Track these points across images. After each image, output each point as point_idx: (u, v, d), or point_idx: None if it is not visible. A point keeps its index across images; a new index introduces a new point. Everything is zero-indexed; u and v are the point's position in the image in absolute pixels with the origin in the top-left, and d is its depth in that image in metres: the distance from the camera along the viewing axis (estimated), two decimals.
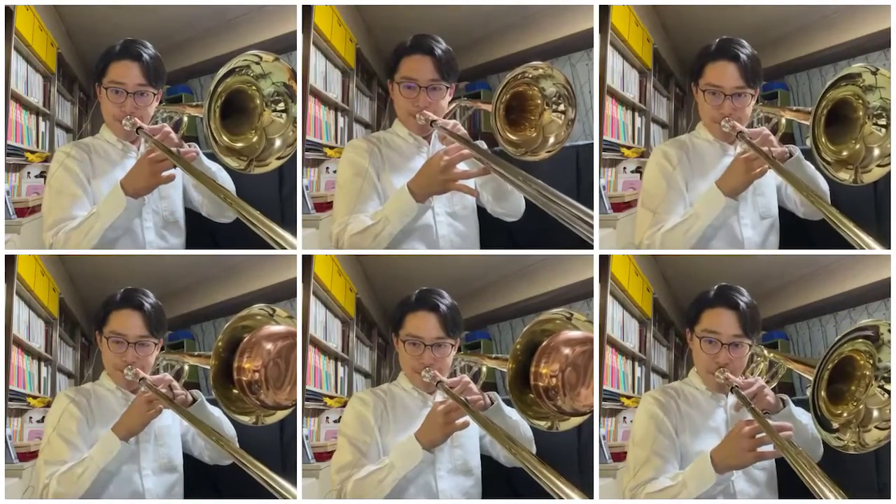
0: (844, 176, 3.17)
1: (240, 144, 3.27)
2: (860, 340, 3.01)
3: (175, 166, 3.25)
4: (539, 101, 3.34)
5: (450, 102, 3.42)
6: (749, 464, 3.17)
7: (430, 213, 3.38)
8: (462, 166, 3.28)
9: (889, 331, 3.00)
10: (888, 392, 3.04)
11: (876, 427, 3.03)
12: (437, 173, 3.27)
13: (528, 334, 3.19)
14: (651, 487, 3.25)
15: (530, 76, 3.31)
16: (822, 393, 2.98)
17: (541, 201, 3.13)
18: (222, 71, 3.20)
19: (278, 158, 3.29)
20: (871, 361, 3.03)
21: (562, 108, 3.34)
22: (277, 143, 3.28)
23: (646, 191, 3.40)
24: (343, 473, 3.30)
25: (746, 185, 3.27)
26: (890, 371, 3.03)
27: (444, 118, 3.38)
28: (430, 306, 3.34)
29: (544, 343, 3.19)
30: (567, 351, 3.18)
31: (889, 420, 3.04)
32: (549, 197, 3.12)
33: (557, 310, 3.25)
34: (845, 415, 3.03)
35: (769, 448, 3.08)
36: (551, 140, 3.35)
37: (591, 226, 3.11)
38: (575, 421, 3.22)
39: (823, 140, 3.14)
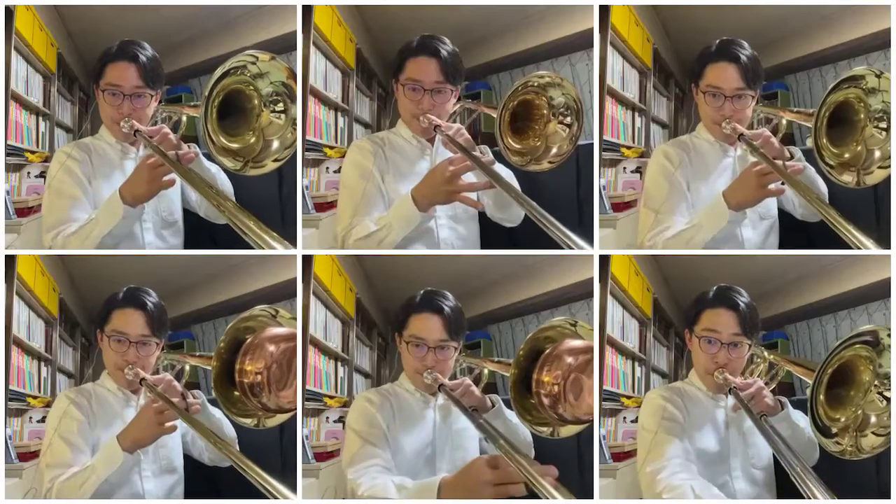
0: (847, 178, 3.16)
1: (236, 145, 3.24)
2: (860, 345, 3.00)
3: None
4: (545, 111, 3.31)
5: (454, 105, 3.41)
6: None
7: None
8: (468, 177, 3.25)
9: (888, 336, 3.00)
10: (887, 399, 3.03)
11: (873, 433, 3.02)
12: (442, 183, 3.24)
13: (531, 341, 3.15)
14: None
15: (537, 84, 3.28)
16: (821, 397, 2.97)
17: (535, 220, 3.12)
18: (219, 72, 3.16)
19: (275, 160, 3.25)
20: (871, 367, 3.02)
21: (568, 120, 3.31)
22: (275, 144, 3.25)
23: (647, 191, 3.40)
24: (354, 466, 3.27)
25: (756, 202, 3.23)
26: (889, 378, 3.02)
27: (448, 120, 3.37)
28: (435, 308, 3.33)
29: (547, 350, 3.16)
30: (570, 360, 3.16)
31: (886, 427, 3.03)
32: (542, 220, 3.11)
33: (561, 318, 3.22)
34: (843, 420, 3.02)
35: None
36: (554, 150, 3.33)
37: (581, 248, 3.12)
38: (575, 428, 3.19)
39: (825, 142, 3.13)
